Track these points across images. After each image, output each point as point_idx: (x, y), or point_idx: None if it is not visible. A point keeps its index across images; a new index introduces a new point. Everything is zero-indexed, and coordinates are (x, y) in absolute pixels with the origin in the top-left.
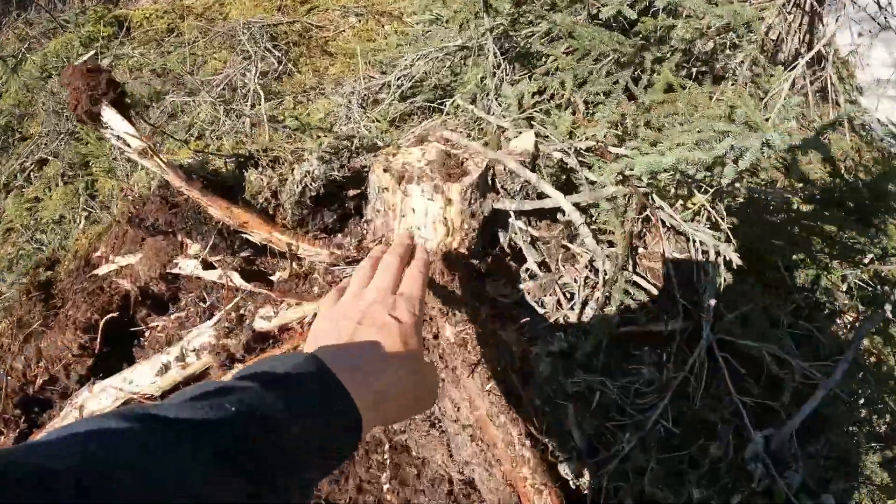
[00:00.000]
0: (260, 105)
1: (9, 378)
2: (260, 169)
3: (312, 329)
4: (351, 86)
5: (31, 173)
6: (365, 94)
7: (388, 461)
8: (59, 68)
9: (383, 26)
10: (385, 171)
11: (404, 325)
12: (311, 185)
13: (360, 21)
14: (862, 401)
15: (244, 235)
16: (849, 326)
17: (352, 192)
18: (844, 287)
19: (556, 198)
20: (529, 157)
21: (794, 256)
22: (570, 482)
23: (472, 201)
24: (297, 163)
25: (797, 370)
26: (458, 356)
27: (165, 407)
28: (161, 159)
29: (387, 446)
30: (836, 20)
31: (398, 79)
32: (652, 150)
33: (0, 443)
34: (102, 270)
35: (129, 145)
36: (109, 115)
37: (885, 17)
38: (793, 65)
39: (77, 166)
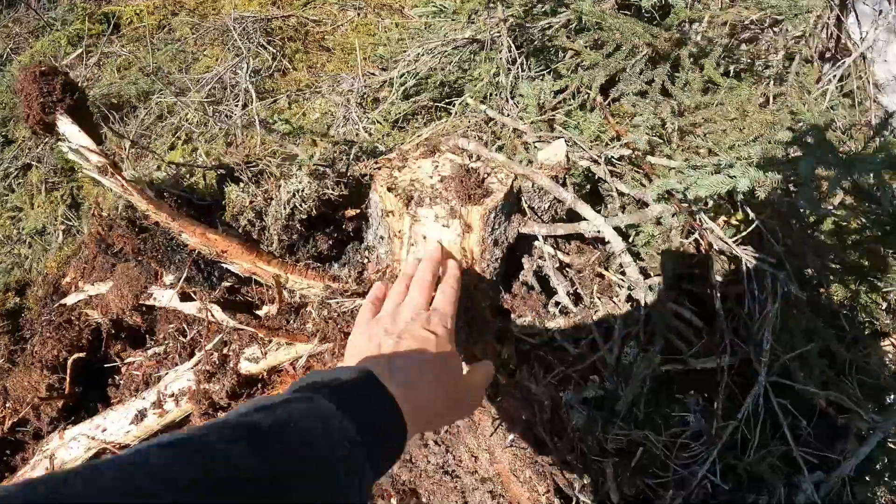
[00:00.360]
0: (251, 105)
1: None
2: (242, 185)
3: (351, 342)
4: (349, 83)
5: (13, 180)
6: (364, 93)
7: None
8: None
9: (383, 20)
10: (389, 189)
11: (440, 337)
12: (300, 205)
13: (358, 15)
14: None
15: (224, 265)
16: (893, 352)
17: (350, 213)
18: (884, 305)
19: (596, 222)
20: (562, 172)
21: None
22: None
23: (496, 227)
24: (285, 179)
25: (862, 419)
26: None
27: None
28: (123, 178)
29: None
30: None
31: (401, 75)
32: (705, 163)
33: None
34: (71, 300)
35: (87, 160)
36: (65, 125)
37: None
38: (838, 62)
39: (61, 172)
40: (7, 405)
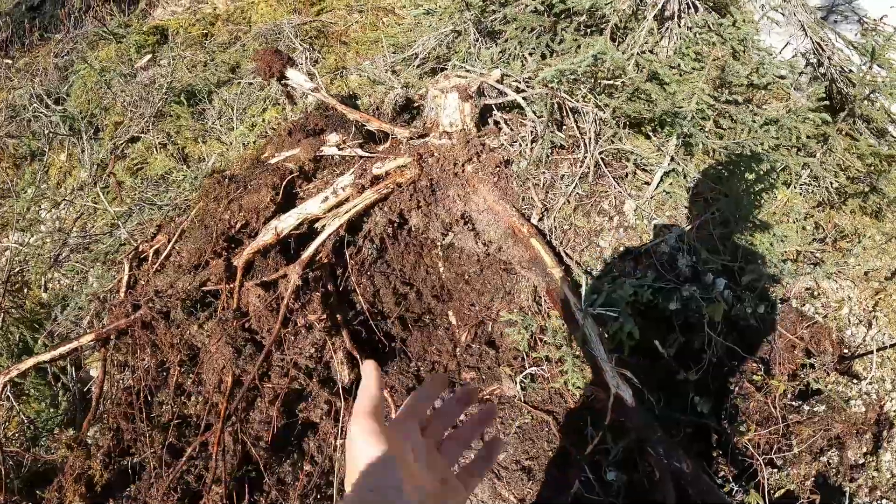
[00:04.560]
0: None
1: (218, 224)
2: (366, 98)
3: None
4: (382, 60)
5: (124, 148)
6: (392, 64)
7: (441, 254)
8: (119, 71)
9: (382, 20)
10: (436, 88)
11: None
12: (398, 101)
13: (362, 16)
14: None
15: (365, 127)
16: None
17: (417, 103)
18: None
19: (512, 94)
20: (499, 79)
21: None
22: None
23: (475, 100)
24: (388, 94)
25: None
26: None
27: None
28: (324, 91)
29: (439, 245)
30: None
31: (421, 52)
32: (559, 67)
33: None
34: (274, 160)
35: (304, 87)
36: (292, 73)
37: None
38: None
39: (167, 138)
40: (240, 214)
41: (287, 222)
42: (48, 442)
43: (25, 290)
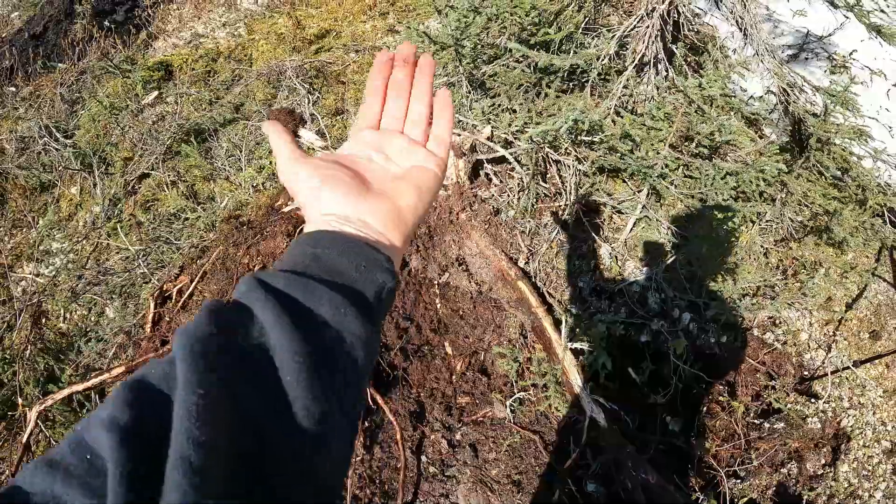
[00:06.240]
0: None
1: (238, 266)
2: None
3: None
4: None
5: (134, 185)
6: None
7: (438, 292)
8: (129, 108)
9: None
10: None
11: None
12: None
13: (359, 55)
14: None
15: None
16: None
17: None
18: None
19: (501, 151)
20: (489, 136)
21: None
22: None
23: (468, 157)
24: None
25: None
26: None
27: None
28: (331, 151)
29: (436, 284)
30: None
31: None
32: (546, 126)
33: None
34: (287, 209)
35: (314, 144)
36: (304, 133)
37: None
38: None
39: (177, 177)
40: (258, 257)
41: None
42: None
43: (43, 321)
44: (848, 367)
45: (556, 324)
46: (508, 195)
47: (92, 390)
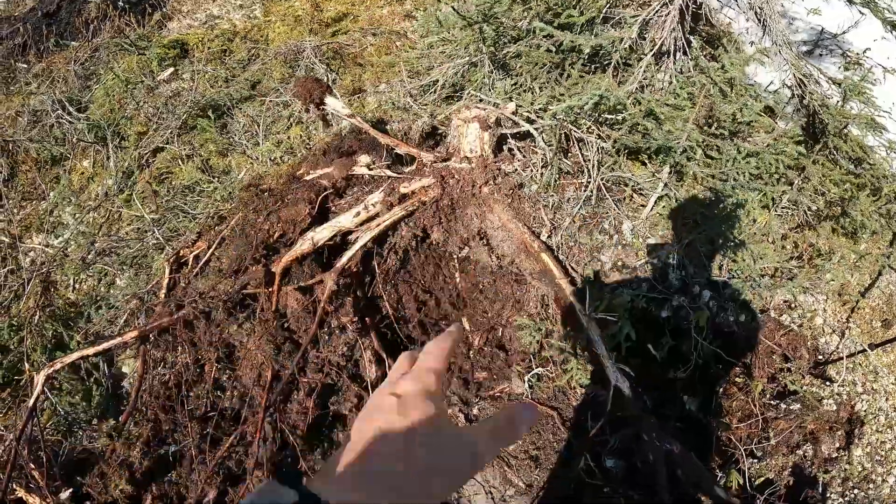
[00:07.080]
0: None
1: (258, 233)
2: (395, 124)
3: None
4: (401, 85)
5: (149, 157)
6: (410, 89)
7: (457, 266)
8: (144, 83)
9: (395, 43)
10: (459, 118)
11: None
12: (424, 128)
13: (376, 38)
14: None
15: (394, 150)
16: None
17: (441, 130)
18: None
19: (525, 125)
20: (514, 111)
21: None
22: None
23: (493, 130)
24: (415, 119)
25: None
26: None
27: None
28: (358, 118)
29: (456, 258)
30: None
31: (442, 78)
32: (567, 102)
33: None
34: (309, 177)
35: (341, 113)
36: (330, 101)
37: None
38: None
39: (190, 148)
40: (278, 224)
41: (322, 234)
42: (84, 432)
43: (52, 290)
44: (864, 350)
45: (580, 296)
46: (532, 170)
47: (100, 357)
